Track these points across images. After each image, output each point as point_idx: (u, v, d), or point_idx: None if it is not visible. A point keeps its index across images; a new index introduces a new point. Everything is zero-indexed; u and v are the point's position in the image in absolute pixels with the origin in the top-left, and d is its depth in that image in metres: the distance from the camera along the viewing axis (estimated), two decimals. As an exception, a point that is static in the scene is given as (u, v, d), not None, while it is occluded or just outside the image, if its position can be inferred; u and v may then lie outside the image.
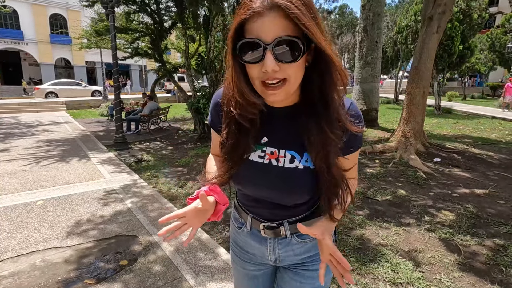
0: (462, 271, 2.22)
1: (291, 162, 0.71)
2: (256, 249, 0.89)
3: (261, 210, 0.82)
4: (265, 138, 0.74)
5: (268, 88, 0.61)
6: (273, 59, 0.57)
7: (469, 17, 11.82)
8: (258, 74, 0.61)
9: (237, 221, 0.92)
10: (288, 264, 0.88)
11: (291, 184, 0.71)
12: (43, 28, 23.40)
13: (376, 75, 8.87)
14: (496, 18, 25.58)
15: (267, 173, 0.72)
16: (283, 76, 0.60)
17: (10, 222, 2.91)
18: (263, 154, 0.73)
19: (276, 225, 0.81)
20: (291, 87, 0.62)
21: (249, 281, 0.95)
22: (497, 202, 3.53)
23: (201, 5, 6.90)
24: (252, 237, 0.88)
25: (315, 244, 0.85)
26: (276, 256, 0.87)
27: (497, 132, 8.41)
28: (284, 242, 0.84)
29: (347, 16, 24.07)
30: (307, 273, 0.86)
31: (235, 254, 0.96)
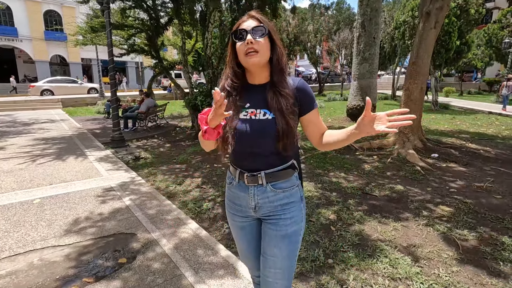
0: (460, 265, 2.24)
1: (264, 116, 1.10)
2: (241, 198, 1.18)
3: (245, 162, 1.15)
4: (248, 104, 1.13)
5: (247, 55, 1.05)
6: (251, 36, 1.04)
7: (466, 12, 11.82)
8: (243, 49, 1.05)
9: (229, 178, 1.23)
10: (265, 214, 1.17)
11: (264, 128, 1.08)
12: (38, 25, 23.09)
13: (374, 71, 8.86)
14: (493, 14, 25.60)
15: (248, 123, 1.10)
16: (256, 48, 1.04)
17: (6, 221, 2.89)
18: (246, 113, 1.12)
19: (255, 174, 1.13)
20: (261, 56, 1.06)
21: (239, 231, 1.26)
22: (494, 196, 3.55)
23: (197, 1, 6.84)
24: (239, 188, 1.18)
25: (287, 195, 1.15)
26: (255, 202, 1.15)
27: (494, 127, 8.46)
28: (261, 189, 1.14)
29: (345, 11, 23.93)
30: (280, 221, 1.15)
31: (228, 209, 1.27)
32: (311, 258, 2.29)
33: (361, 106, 8.85)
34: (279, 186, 1.14)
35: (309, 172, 4.42)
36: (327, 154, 5.38)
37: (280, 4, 7.58)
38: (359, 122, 0.96)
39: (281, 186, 1.14)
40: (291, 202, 1.16)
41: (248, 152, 1.12)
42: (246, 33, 1.05)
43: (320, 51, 24.14)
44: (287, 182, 1.15)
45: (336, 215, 3.05)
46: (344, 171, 4.50)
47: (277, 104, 1.07)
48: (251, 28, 1.05)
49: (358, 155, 5.36)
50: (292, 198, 1.16)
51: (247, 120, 1.10)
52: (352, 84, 9.20)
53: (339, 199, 3.45)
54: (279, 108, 1.06)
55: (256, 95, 1.12)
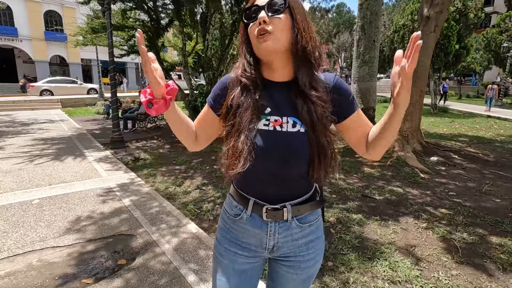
0: (460, 268, 2.24)
1: (293, 127, 0.80)
2: (254, 236, 0.89)
3: (264, 189, 0.86)
4: (268, 108, 0.83)
5: (259, 38, 0.77)
6: (264, 13, 0.77)
7: (465, 16, 11.90)
8: (255, 31, 0.78)
9: (234, 209, 0.92)
10: (283, 255, 0.91)
11: (294, 146, 0.79)
12: (38, 25, 23.09)
13: (374, 74, 8.88)
14: (492, 18, 25.77)
15: (273, 137, 0.80)
16: (270, 28, 0.76)
17: (5, 222, 2.87)
18: (268, 122, 0.81)
19: (279, 207, 0.85)
20: (276, 39, 0.77)
21: (236, 277, 0.92)
22: (493, 200, 3.56)
23: (198, 3, 6.86)
24: (252, 223, 0.88)
25: (313, 230, 0.91)
26: (275, 241, 0.88)
27: (492, 131, 8.50)
28: (284, 225, 0.87)
29: (345, 14, 24.09)
30: (302, 264, 0.90)
31: (224, 248, 0.94)
32: (311, 260, 2.29)
33: (361, 108, 8.85)
34: (306, 220, 0.89)
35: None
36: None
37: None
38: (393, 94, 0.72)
39: (308, 220, 0.89)
40: (317, 237, 0.92)
41: (270, 177, 0.83)
42: (259, 10, 0.78)
43: (320, 54, 24.20)
44: (314, 214, 0.91)
45: (336, 217, 3.05)
46: (344, 173, 4.50)
47: (309, 114, 0.79)
48: (267, 3, 0.77)
49: (357, 158, 5.37)
50: (318, 232, 0.93)
51: (269, 132, 0.80)
52: (352, 86, 9.22)
53: (338, 202, 3.45)
54: (311, 119, 0.79)
55: (278, 96, 0.83)
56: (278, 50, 0.78)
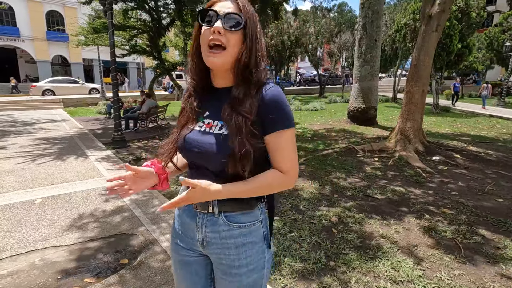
0: (462, 268, 2.23)
1: (220, 129, 0.85)
2: (189, 227, 0.93)
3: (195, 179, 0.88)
4: (207, 112, 0.91)
5: (210, 52, 0.80)
6: (221, 24, 0.79)
7: (467, 15, 11.84)
8: (207, 37, 0.80)
9: None
10: (215, 254, 0.90)
11: (217, 144, 0.83)
12: (40, 25, 23.17)
13: (375, 73, 8.87)
14: (494, 17, 25.66)
15: (201, 137, 0.87)
16: (224, 41, 0.79)
17: (8, 221, 2.88)
18: (202, 124, 0.89)
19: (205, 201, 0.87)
20: (227, 55, 0.80)
21: (182, 268, 0.97)
22: (496, 200, 3.55)
23: (199, 3, 6.85)
24: (187, 213, 0.94)
25: (244, 233, 0.88)
26: (203, 235, 0.90)
27: (495, 131, 8.46)
28: (212, 220, 0.89)
29: (346, 14, 24.03)
30: (233, 269, 0.88)
31: (173, 239, 1.00)
32: (312, 260, 2.29)
33: (362, 108, 8.86)
34: (235, 219, 0.88)
35: (310, 174, 4.42)
36: (328, 156, 5.38)
37: (282, 7, 7.60)
38: None
39: (238, 220, 0.88)
40: (249, 242, 0.88)
41: (200, 172, 0.88)
42: (216, 17, 0.79)
43: (321, 53, 24.19)
44: (247, 216, 0.88)
45: (338, 217, 3.04)
46: (345, 173, 4.49)
47: (230, 120, 0.82)
48: (225, 13, 0.79)
49: (359, 157, 5.36)
50: (251, 237, 0.89)
51: (200, 132, 0.87)
52: (354, 86, 9.21)
53: (340, 201, 3.44)
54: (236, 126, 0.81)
55: (216, 101, 0.88)
56: (226, 66, 0.82)
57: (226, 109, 0.83)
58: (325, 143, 6.53)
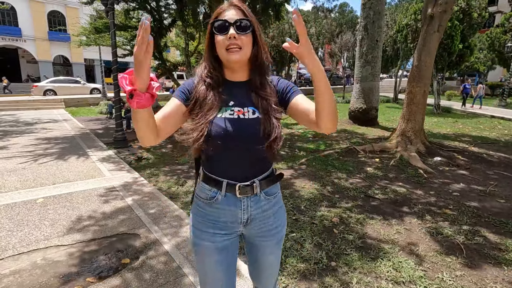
0: (464, 269, 2.23)
1: (253, 114, 0.99)
2: (230, 214, 1.03)
3: (234, 171, 1.01)
4: (232, 101, 1.01)
5: (229, 52, 0.95)
6: (234, 30, 0.94)
7: (469, 16, 11.82)
8: (223, 43, 0.95)
9: (208, 193, 1.04)
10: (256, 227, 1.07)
11: (255, 128, 0.97)
12: (41, 25, 23.25)
13: (376, 74, 8.86)
14: (496, 18, 25.60)
15: (238, 123, 0.97)
16: (239, 44, 0.94)
17: (10, 220, 2.89)
18: (233, 112, 0.99)
19: (249, 183, 1.01)
20: (244, 53, 0.96)
21: (219, 254, 1.04)
22: (498, 201, 3.54)
23: (201, 3, 6.86)
24: (227, 202, 1.02)
25: (277, 201, 1.10)
26: (248, 215, 1.04)
27: (497, 131, 8.44)
28: (255, 199, 1.04)
29: (347, 14, 24.02)
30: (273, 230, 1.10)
31: (203, 231, 1.05)
32: (314, 260, 2.29)
33: (364, 108, 8.85)
34: (270, 192, 1.07)
35: (311, 174, 4.42)
36: (329, 156, 5.37)
37: (283, 7, 7.61)
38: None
39: (271, 192, 1.08)
40: (279, 207, 1.12)
41: (239, 159, 0.99)
42: (228, 26, 0.93)
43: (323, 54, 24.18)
44: (274, 187, 1.09)
45: (339, 217, 3.04)
46: (346, 173, 4.49)
47: (262, 104, 0.99)
48: (235, 21, 0.93)
49: (360, 158, 5.35)
50: (280, 202, 1.13)
51: (235, 120, 0.97)
52: (355, 86, 9.21)
53: (341, 202, 3.44)
54: (265, 108, 0.99)
55: (239, 92, 1.03)
56: (244, 61, 0.99)
57: (255, 96, 1.00)
58: (326, 143, 6.52)
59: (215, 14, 0.98)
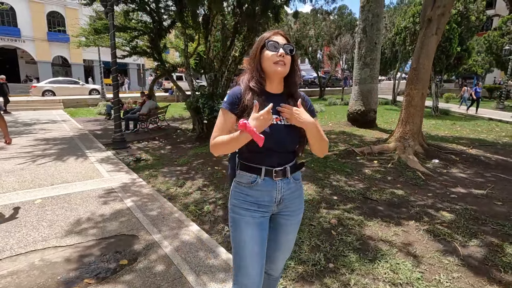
0: (461, 271, 2.24)
1: (287, 122, 1.24)
2: (267, 194, 1.26)
3: (271, 160, 1.25)
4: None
5: (277, 64, 1.19)
6: (283, 51, 1.20)
7: (466, 19, 11.90)
8: (273, 58, 1.19)
9: (250, 178, 1.27)
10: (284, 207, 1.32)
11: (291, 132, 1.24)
12: (41, 26, 23.23)
13: (375, 76, 8.90)
14: (493, 21, 25.75)
15: (275, 128, 1.21)
16: (285, 61, 1.20)
17: (8, 221, 2.89)
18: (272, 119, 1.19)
19: (283, 168, 1.27)
20: (287, 68, 1.22)
21: (257, 228, 1.26)
22: (495, 203, 3.56)
23: (200, 4, 6.87)
24: (265, 184, 1.26)
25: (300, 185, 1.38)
26: (281, 195, 1.28)
27: (494, 134, 8.48)
28: (286, 181, 1.29)
29: (346, 17, 24.07)
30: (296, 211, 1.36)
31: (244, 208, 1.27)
32: (312, 262, 2.30)
33: (362, 110, 8.88)
34: (297, 177, 1.34)
35: (310, 176, 4.43)
36: (328, 158, 5.39)
37: (282, 9, 7.64)
38: None
39: (297, 177, 1.34)
40: (302, 192, 1.39)
41: (275, 153, 1.25)
42: (279, 46, 1.20)
43: (321, 56, 24.25)
44: (298, 174, 1.36)
45: (337, 219, 3.05)
46: (344, 175, 4.50)
47: None
48: (284, 44, 1.21)
49: (358, 160, 5.37)
50: (301, 188, 1.39)
51: (273, 125, 1.21)
52: (353, 89, 9.23)
53: (340, 203, 3.45)
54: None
55: (276, 102, 1.21)
56: (284, 75, 1.23)
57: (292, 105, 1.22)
58: (325, 145, 6.52)
59: (267, 36, 1.23)
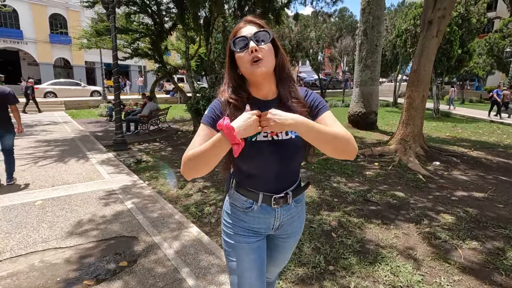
0: (462, 274, 2.23)
1: (286, 135, 1.00)
2: (264, 221, 1.10)
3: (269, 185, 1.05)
4: None
5: (253, 64, 0.93)
6: (254, 43, 0.93)
7: (467, 21, 11.90)
8: (247, 58, 0.93)
9: (245, 204, 1.09)
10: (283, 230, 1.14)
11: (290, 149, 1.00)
12: (43, 28, 23.34)
13: (376, 78, 8.90)
14: (494, 23, 25.76)
15: (272, 145, 0.99)
16: (261, 55, 0.92)
17: (8, 222, 2.89)
18: (266, 134, 0.99)
19: (284, 195, 1.06)
20: (267, 64, 0.94)
21: (255, 253, 1.10)
22: (496, 205, 3.54)
23: (202, 7, 6.91)
24: (262, 211, 1.08)
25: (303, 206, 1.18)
26: (280, 222, 1.11)
27: (496, 136, 8.46)
28: (287, 208, 1.10)
29: (347, 19, 24.14)
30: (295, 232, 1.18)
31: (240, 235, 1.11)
32: (312, 264, 2.29)
33: (363, 112, 8.88)
34: (299, 200, 1.14)
35: (310, 178, 4.42)
36: (329, 159, 5.38)
37: (283, 11, 7.67)
38: None
39: (300, 199, 1.15)
40: (303, 212, 1.21)
41: (273, 176, 1.04)
42: (247, 40, 0.93)
43: (322, 58, 24.28)
44: (302, 195, 1.16)
45: (337, 221, 3.04)
46: (345, 177, 4.50)
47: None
48: (253, 34, 0.94)
49: (359, 162, 5.36)
50: (304, 208, 1.21)
51: (269, 142, 0.98)
52: (354, 91, 9.24)
53: (340, 205, 3.44)
54: None
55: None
56: (269, 73, 0.97)
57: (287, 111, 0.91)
58: (326, 147, 6.52)
59: (233, 33, 0.98)
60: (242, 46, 0.94)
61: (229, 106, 0.98)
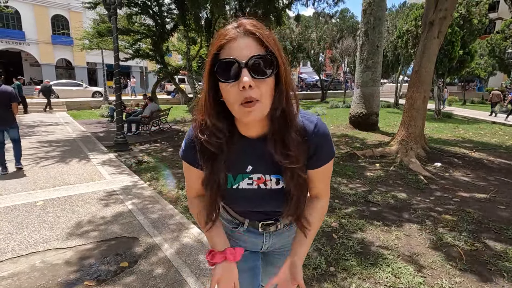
0: (464, 276, 2.22)
1: (277, 184, 0.81)
2: (251, 242, 0.99)
3: (255, 216, 0.94)
4: (250, 166, 0.81)
5: (245, 107, 0.64)
6: (248, 74, 0.62)
7: (469, 22, 11.88)
8: (236, 96, 0.64)
9: (231, 223, 0.99)
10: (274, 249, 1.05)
11: (280, 200, 0.82)
12: (45, 29, 23.45)
13: (377, 79, 8.89)
14: (496, 24, 25.70)
15: (258, 195, 0.83)
16: (257, 95, 0.63)
17: (9, 223, 2.90)
18: (251, 181, 0.81)
19: (273, 222, 0.95)
20: (264, 107, 0.66)
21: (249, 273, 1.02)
22: (498, 207, 3.53)
23: (203, 8, 6.93)
24: (249, 234, 0.98)
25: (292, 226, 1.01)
26: (269, 244, 1.00)
27: (497, 137, 8.43)
28: (277, 233, 0.98)
29: (348, 20, 24.17)
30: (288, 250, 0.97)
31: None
32: (312, 265, 2.28)
33: (364, 113, 8.87)
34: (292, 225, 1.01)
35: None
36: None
37: (284, 12, 7.68)
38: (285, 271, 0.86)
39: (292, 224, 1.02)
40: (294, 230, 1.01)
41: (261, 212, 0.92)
42: (239, 68, 0.62)
43: (323, 59, 24.29)
44: None
45: (338, 222, 3.03)
46: (346, 178, 4.49)
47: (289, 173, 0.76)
48: (248, 59, 0.62)
49: (360, 163, 5.35)
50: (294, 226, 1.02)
51: (254, 191, 0.81)
52: (355, 92, 9.23)
53: (341, 207, 3.44)
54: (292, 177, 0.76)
55: (257, 153, 0.78)
56: (264, 116, 0.68)
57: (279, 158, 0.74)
58: (327, 148, 6.50)
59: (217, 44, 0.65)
60: (230, 75, 0.63)
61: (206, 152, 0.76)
